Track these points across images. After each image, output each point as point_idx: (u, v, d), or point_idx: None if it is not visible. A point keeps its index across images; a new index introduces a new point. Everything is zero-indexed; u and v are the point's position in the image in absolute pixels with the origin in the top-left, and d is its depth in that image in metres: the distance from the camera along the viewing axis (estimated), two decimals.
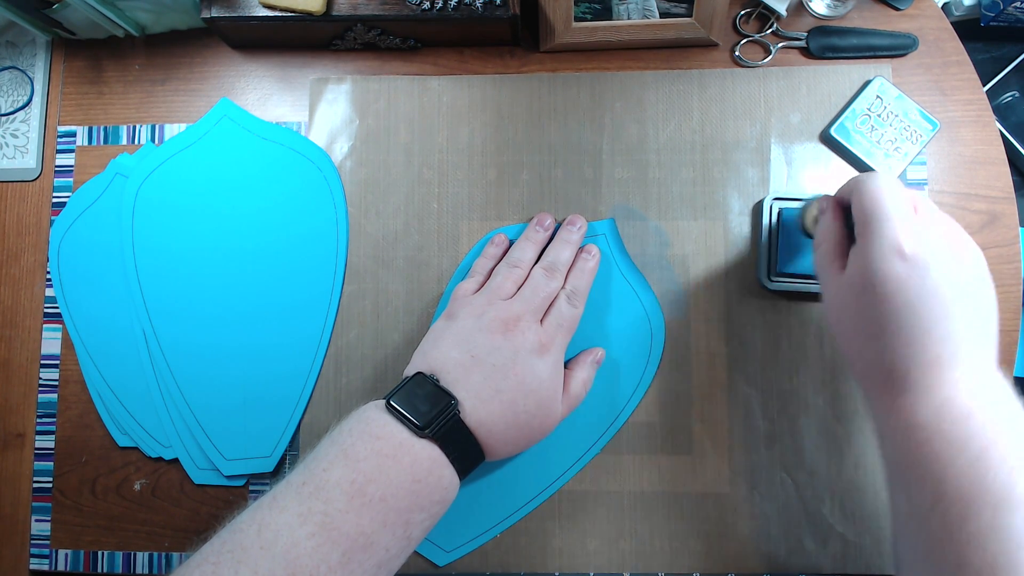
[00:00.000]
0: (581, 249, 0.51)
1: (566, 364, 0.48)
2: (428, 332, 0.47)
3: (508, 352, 0.43)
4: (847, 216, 0.41)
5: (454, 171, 0.54)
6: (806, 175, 0.53)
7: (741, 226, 0.52)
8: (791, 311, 0.51)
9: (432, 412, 0.40)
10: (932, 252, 0.36)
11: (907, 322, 0.36)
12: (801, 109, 0.53)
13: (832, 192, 0.43)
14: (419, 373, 0.43)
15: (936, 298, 0.35)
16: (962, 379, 0.35)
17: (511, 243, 0.52)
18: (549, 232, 0.51)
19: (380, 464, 0.38)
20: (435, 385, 0.42)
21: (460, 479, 0.41)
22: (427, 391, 0.42)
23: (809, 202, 0.46)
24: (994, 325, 0.38)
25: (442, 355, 0.44)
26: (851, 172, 0.52)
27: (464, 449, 0.41)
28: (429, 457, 0.40)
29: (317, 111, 0.55)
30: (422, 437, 0.40)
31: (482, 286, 0.49)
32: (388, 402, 0.41)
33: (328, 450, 0.40)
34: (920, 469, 0.35)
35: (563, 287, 0.48)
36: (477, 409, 0.42)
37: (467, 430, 0.41)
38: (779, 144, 0.53)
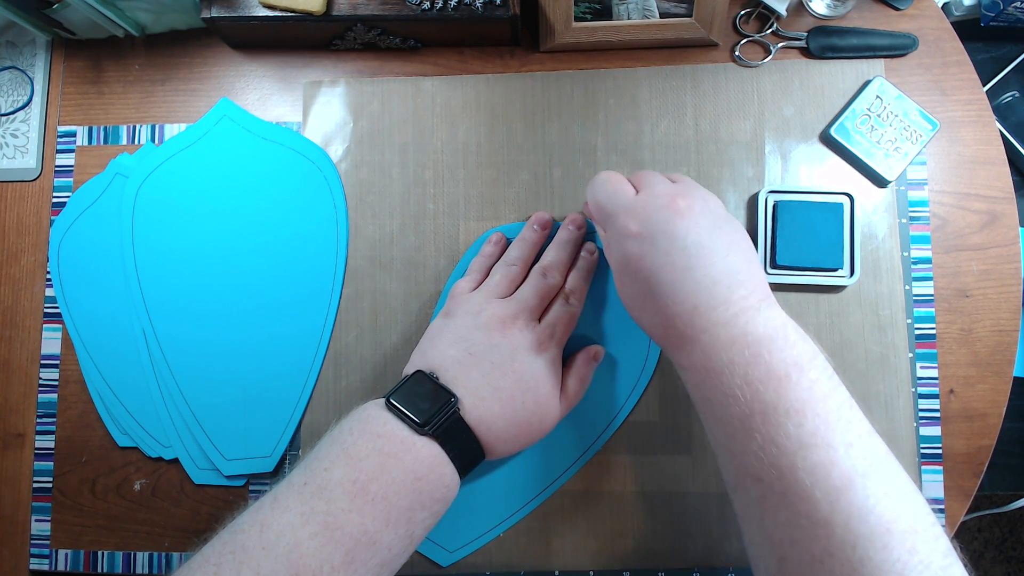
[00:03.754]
0: (580, 248, 0.51)
1: (564, 362, 0.48)
2: (426, 331, 0.47)
3: (506, 350, 0.43)
4: None
5: (451, 171, 0.54)
6: (801, 170, 0.53)
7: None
8: (790, 303, 0.51)
9: (432, 409, 0.40)
10: (655, 223, 0.40)
11: (657, 287, 0.40)
12: (794, 103, 0.53)
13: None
14: (418, 371, 0.43)
15: (671, 258, 0.39)
16: (723, 316, 0.38)
17: (509, 242, 0.52)
18: (547, 231, 0.51)
19: (382, 462, 0.38)
20: (435, 383, 0.42)
21: (460, 477, 0.41)
22: (427, 389, 0.42)
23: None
24: (747, 257, 0.40)
25: (440, 353, 0.44)
26: (849, 171, 0.52)
27: (464, 447, 0.41)
28: (430, 455, 0.40)
29: (311, 114, 0.55)
30: (423, 435, 0.40)
31: (479, 285, 0.49)
32: (388, 400, 0.41)
33: (329, 450, 0.39)
34: (706, 405, 0.39)
35: (562, 286, 0.48)
36: (477, 407, 0.42)
37: (467, 427, 0.41)
38: (773, 139, 0.53)
